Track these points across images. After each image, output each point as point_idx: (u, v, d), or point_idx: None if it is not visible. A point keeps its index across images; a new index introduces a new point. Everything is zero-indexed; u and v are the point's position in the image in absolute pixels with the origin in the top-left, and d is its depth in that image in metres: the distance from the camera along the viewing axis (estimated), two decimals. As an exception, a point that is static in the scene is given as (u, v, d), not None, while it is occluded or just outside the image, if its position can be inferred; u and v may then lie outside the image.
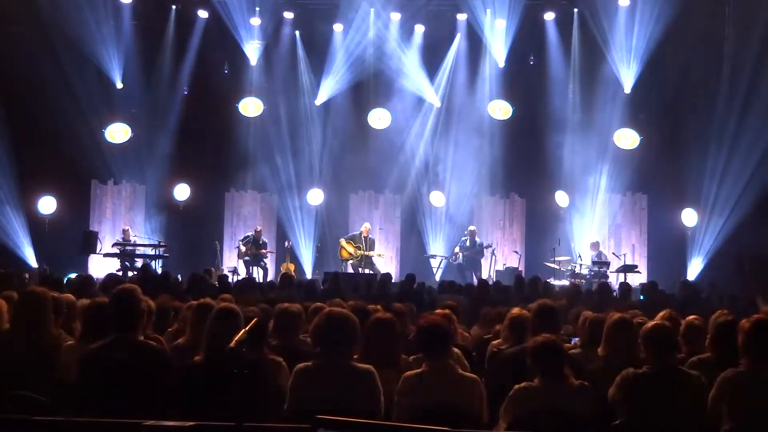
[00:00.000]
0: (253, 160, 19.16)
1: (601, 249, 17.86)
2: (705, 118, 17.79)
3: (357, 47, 19.10)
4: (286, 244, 18.61)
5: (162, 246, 17.45)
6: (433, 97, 19.46)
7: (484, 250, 18.18)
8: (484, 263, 18.30)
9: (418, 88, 19.37)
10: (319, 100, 19.51)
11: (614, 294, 12.47)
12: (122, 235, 17.85)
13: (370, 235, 18.35)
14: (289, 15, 19.28)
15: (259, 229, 18.32)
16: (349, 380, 4.78)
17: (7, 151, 17.53)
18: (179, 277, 14.77)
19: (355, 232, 18.56)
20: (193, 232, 18.59)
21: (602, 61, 18.53)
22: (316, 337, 4.99)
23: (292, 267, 17.99)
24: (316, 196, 19.40)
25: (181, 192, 19.13)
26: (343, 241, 18.34)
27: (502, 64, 19.07)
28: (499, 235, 19.41)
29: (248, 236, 18.27)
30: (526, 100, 19.11)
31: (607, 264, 17.39)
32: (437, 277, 17.62)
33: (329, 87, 19.39)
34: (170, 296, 8.11)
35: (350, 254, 18.16)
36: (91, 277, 12.12)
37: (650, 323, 5.20)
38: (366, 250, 18.08)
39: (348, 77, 19.31)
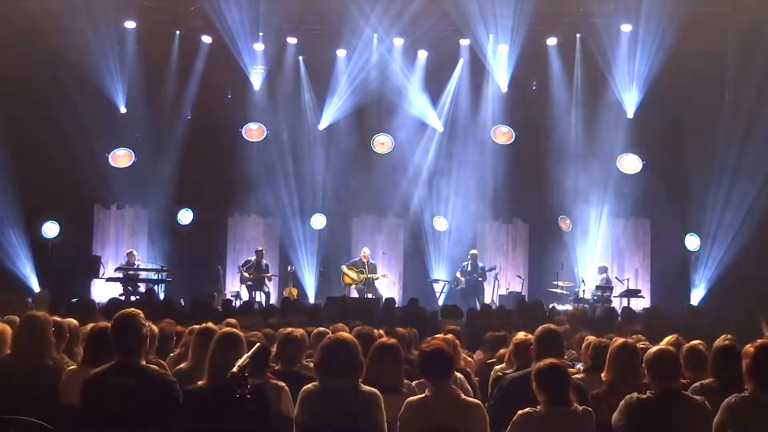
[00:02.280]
0: (256, 185, 19.13)
1: (608, 274, 17.80)
2: (707, 143, 17.77)
3: (360, 72, 19.11)
4: (289, 268, 18.56)
5: (165, 270, 17.43)
6: (435, 121, 19.51)
7: (487, 273, 18.14)
8: (487, 288, 18.24)
9: (421, 113, 19.41)
10: (323, 124, 19.55)
11: (618, 319, 12.42)
12: (127, 258, 17.83)
13: (370, 260, 18.35)
14: (292, 40, 19.31)
15: (259, 249, 18.31)
16: (355, 403, 4.76)
17: (11, 176, 17.54)
18: (182, 301, 14.77)
19: (355, 259, 18.56)
20: (196, 256, 18.56)
21: (605, 86, 18.55)
22: (319, 364, 4.97)
23: (295, 291, 17.94)
24: (319, 221, 19.41)
25: (185, 216, 19.14)
26: (344, 268, 18.32)
27: (504, 89, 19.08)
28: (502, 259, 19.38)
29: (249, 261, 18.24)
30: (529, 125, 19.17)
31: (611, 289, 17.34)
32: (440, 302, 17.58)
33: (332, 111, 19.43)
34: (173, 321, 8.10)
35: (353, 279, 18.14)
36: (92, 302, 12.14)
37: (654, 348, 5.18)
38: (368, 274, 18.07)
39: (351, 102, 19.35)
